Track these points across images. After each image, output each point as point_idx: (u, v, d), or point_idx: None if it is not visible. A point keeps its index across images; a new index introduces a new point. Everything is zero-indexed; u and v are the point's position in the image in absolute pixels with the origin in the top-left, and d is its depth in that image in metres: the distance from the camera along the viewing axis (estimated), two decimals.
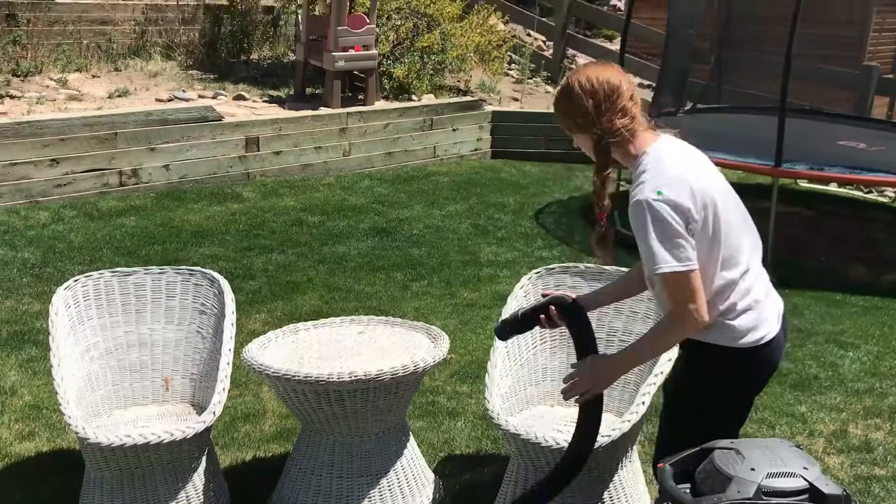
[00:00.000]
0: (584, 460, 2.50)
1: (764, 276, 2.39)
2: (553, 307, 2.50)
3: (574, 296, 2.56)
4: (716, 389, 2.39)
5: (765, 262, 2.47)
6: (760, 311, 2.32)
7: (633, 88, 2.27)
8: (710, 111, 9.01)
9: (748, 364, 2.34)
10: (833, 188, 9.14)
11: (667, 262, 2.16)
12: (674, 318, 2.26)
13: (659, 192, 2.15)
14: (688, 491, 2.24)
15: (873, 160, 6.79)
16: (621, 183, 6.40)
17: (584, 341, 2.45)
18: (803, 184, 9.12)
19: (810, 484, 2.14)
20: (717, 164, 2.41)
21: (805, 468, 2.18)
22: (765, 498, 2.11)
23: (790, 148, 6.40)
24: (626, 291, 2.72)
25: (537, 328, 2.61)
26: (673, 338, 2.34)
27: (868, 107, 9.28)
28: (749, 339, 2.30)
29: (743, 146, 6.89)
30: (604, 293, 2.71)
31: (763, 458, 2.20)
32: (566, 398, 2.42)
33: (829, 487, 2.14)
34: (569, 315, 2.49)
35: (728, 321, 2.29)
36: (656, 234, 2.15)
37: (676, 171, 2.21)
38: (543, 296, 2.58)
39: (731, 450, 2.26)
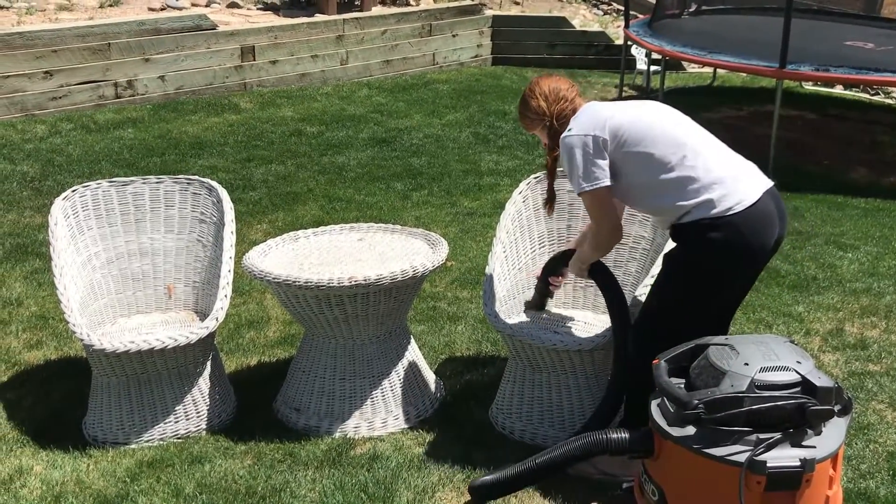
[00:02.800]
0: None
1: (731, 162, 2.67)
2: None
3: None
4: (703, 259, 2.60)
5: (766, 167, 2.61)
6: (726, 184, 2.57)
7: (574, 86, 2.87)
8: (714, 13, 8.80)
9: (729, 233, 2.54)
10: (839, 90, 9.01)
11: (578, 185, 2.66)
12: (593, 233, 2.83)
13: (569, 130, 2.71)
14: (682, 386, 2.29)
15: (881, 61, 6.66)
16: None
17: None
18: (808, 87, 8.98)
19: (803, 377, 2.17)
20: (720, 66, 2.53)
21: (798, 362, 2.21)
22: (758, 391, 2.15)
23: (795, 49, 6.27)
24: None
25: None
26: (598, 250, 2.84)
27: (878, 5, 9.04)
28: (721, 208, 2.54)
29: (747, 48, 6.75)
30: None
31: (757, 352, 2.23)
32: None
33: (821, 380, 2.17)
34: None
35: (699, 198, 2.56)
36: (569, 164, 2.68)
37: (587, 111, 2.74)
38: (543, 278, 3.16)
39: (725, 345, 2.29)
